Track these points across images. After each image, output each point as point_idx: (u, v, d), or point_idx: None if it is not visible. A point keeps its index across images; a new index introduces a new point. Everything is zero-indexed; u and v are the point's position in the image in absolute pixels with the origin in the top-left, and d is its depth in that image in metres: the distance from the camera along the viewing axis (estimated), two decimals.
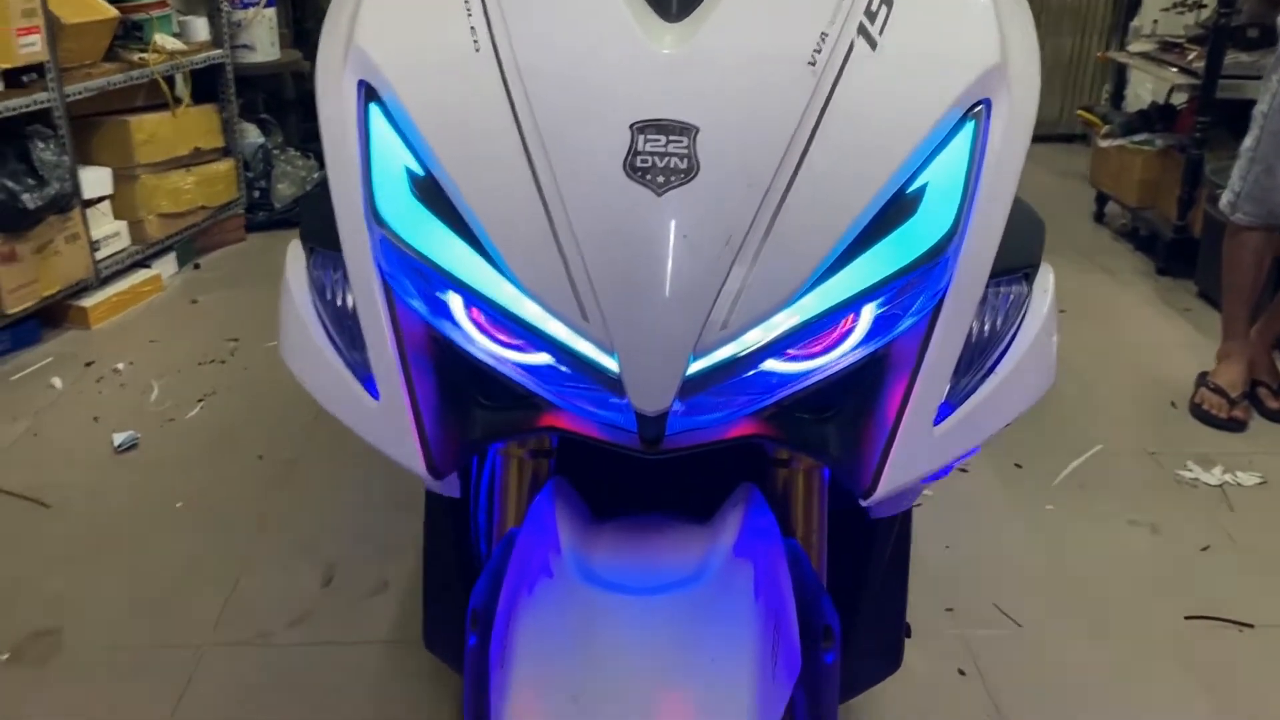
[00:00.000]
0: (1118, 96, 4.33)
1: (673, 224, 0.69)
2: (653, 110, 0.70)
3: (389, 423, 0.78)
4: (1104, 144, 3.95)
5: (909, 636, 1.35)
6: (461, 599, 1.15)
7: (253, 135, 4.02)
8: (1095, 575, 2.04)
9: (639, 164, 0.69)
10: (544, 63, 0.73)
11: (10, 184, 2.78)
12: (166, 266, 3.53)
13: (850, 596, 1.21)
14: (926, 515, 2.22)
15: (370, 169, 0.76)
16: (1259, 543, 2.15)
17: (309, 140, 4.41)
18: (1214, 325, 2.98)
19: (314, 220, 0.85)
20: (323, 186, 0.86)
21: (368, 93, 0.78)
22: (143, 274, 3.37)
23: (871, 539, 1.17)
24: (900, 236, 0.72)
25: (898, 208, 0.73)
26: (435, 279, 0.74)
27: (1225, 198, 2.62)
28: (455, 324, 0.77)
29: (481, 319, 0.78)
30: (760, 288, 0.69)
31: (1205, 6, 3.93)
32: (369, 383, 0.80)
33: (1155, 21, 4.31)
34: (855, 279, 0.72)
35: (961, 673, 1.77)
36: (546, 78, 0.73)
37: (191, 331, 3.14)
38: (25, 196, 2.79)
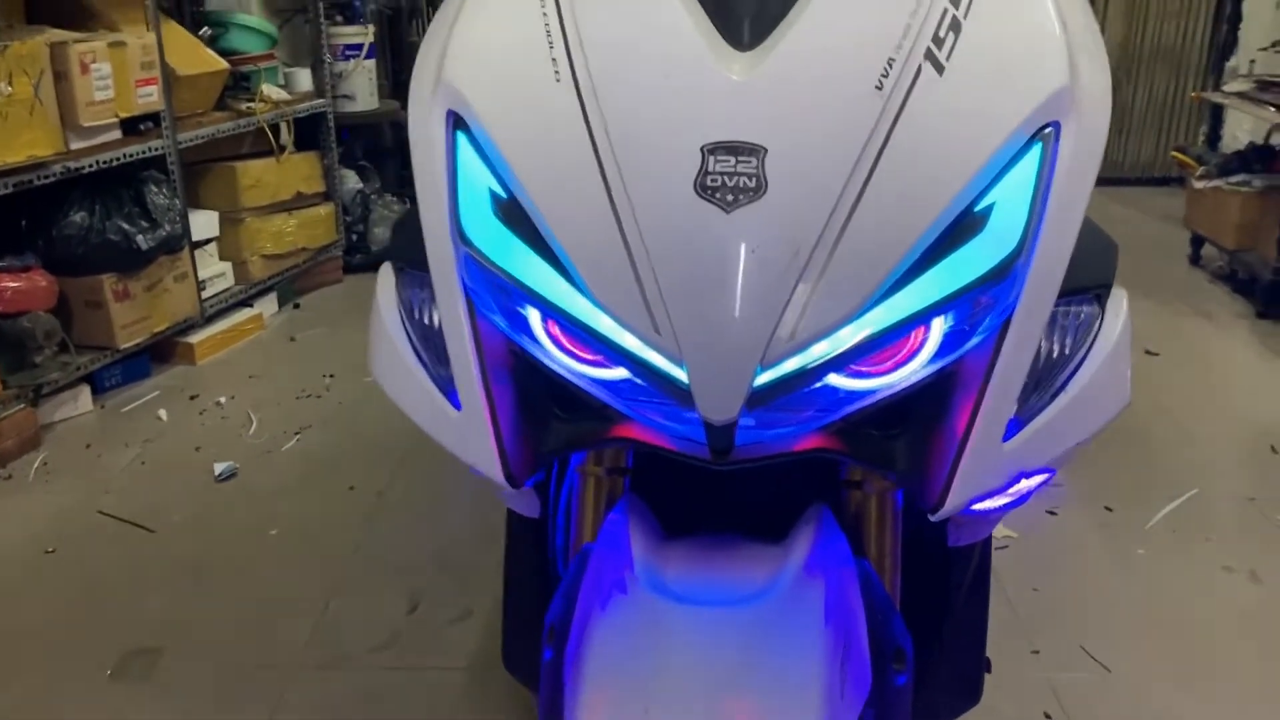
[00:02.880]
0: (1214, 137, 4.24)
1: (741, 240, 0.71)
2: (722, 133, 0.73)
3: (469, 432, 0.82)
4: (1199, 185, 3.87)
5: (989, 671, 1.33)
6: (540, 618, 1.18)
7: (351, 181, 4.18)
8: (1188, 621, 1.98)
9: (709, 184, 0.72)
10: (620, 91, 0.77)
11: (126, 226, 2.93)
12: (268, 306, 3.67)
13: (929, 628, 1.20)
14: (1014, 557, 2.18)
15: (457, 192, 0.80)
16: None
17: (405, 186, 4.55)
18: None
19: (403, 242, 0.90)
20: (412, 212, 0.91)
21: (456, 122, 0.83)
22: (246, 312, 3.51)
23: (949, 569, 1.17)
24: (966, 254, 0.74)
25: (964, 225, 0.74)
26: (516, 294, 0.78)
27: None
28: (534, 339, 0.81)
29: (558, 334, 0.81)
30: (827, 301, 0.71)
31: None
32: (452, 395, 0.83)
33: (1253, 61, 4.23)
34: (921, 294, 0.73)
35: (1047, 716, 1.73)
36: (622, 105, 0.76)
37: (290, 368, 3.25)
38: (139, 238, 2.94)
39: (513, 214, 0.78)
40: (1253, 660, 1.87)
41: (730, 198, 0.72)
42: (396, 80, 4.85)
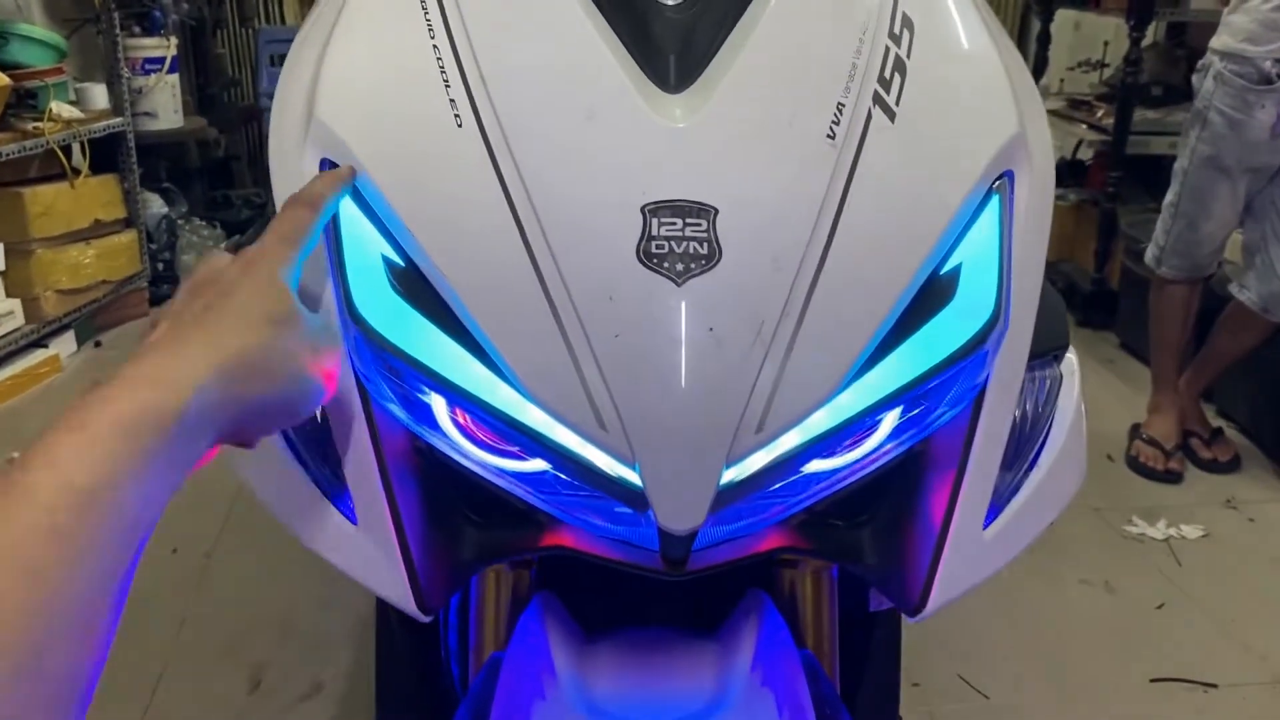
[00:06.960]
0: None
1: (697, 316, 0.61)
2: (666, 190, 0.63)
3: (371, 553, 0.68)
4: None
5: None
6: None
7: (156, 205, 3.85)
8: (1056, 640, 2.00)
9: (654, 250, 0.61)
10: (537, 140, 0.65)
11: None
12: (65, 345, 3.32)
13: (848, 692, 1.13)
14: None
15: (342, 260, 0.66)
16: (1211, 598, 2.14)
17: (214, 209, 4.25)
18: (1139, 376, 3.02)
19: None
20: None
21: None
22: (39, 354, 3.17)
23: (869, 633, 1.10)
24: (941, 323, 0.65)
25: (934, 291, 0.66)
26: (418, 381, 0.65)
27: (1150, 252, 2.66)
28: (440, 431, 0.68)
29: (469, 424, 0.68)
30: (796, 383, 0.61)
31: (1108, 66, 4.05)
32: (341, 501, 0.70)
33: (1062, 80, 4.44)
34: (896, 372, 0.64)
35: None
36: (540, 157, 0.65)
37: None
38: None
39: (413, 286, 0.65)
40: (1117, 673, 1.90)
41: (680, 266, 0.61)
42: (202, 95, 4.54)
